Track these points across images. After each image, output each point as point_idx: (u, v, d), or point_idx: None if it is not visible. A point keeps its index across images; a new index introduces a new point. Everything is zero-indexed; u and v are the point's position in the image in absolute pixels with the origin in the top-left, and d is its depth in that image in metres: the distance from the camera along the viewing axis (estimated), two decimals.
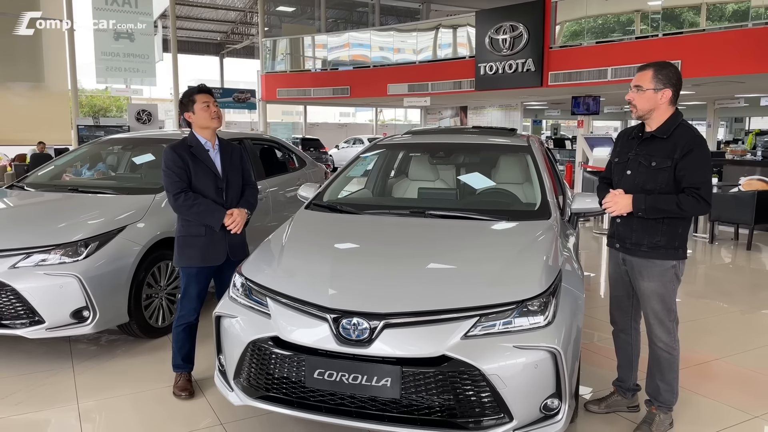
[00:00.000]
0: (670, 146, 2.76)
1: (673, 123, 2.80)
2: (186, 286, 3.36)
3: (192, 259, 3.30)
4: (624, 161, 2.94)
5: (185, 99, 3.34)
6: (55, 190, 4.79)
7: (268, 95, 21.57)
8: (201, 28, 32.62)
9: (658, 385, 2.97)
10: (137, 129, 16.00)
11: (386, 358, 2.42)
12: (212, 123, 3.32)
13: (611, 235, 3.05)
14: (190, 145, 3.32)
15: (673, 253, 2.83)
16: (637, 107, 2.82)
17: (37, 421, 3.16)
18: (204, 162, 3.31)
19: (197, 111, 3.30)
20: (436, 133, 5.35)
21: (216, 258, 3.33)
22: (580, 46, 13.80)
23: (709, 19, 12.07)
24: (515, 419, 2.41)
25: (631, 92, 2.83)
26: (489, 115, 20.78)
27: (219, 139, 3.43)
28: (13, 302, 3.65)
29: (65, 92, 19.78)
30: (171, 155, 3.27)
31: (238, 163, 3.46)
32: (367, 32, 20.01)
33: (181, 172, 3.24)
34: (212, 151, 3.37)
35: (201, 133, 3.36)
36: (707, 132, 18.50)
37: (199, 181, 3.29)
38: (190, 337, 3.43)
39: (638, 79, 2.81)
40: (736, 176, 9.48)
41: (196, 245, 3.29)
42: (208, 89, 3.38)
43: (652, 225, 2.81)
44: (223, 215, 3.27)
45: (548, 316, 2.51)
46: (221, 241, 3.32)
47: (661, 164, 2.76)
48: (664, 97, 2.77)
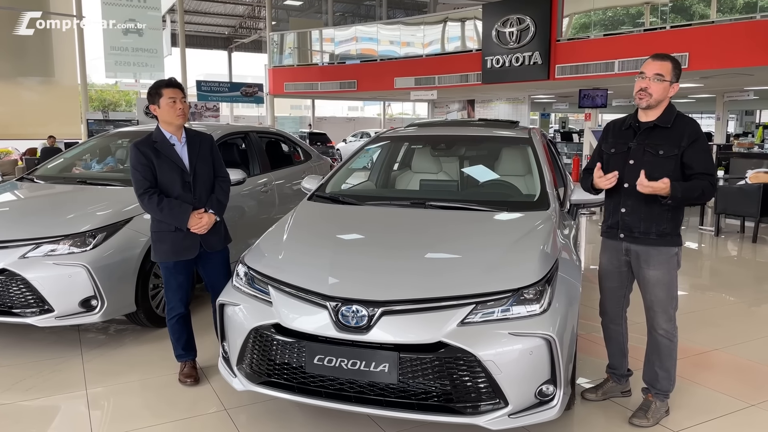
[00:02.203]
0: (676, 135, 2.83)
1: (672, 113, 2.88)
2: (166, 279, 3.37)
3: (165, 253, 3.29)
4: (623, 151, 2.96)
5: (152, 90, 3.27)
6: (64, 183, 4.88)
7: (276, 89, 21.62)
8: (209, 22, 32.71)
9: (656, 372, 3.01)
10: (146, 123, 16.14)
11: (384, 344, 2.48)
12: (176, 120, 3.26)
13: (613, 225, 3.03)
14: (154, 141, 3.26)
15: (677, 240, 2.93)
16: (652, 95, 2.82)
17: (47, 407, 3.25)
18: (169, 157, 3.25)
19: (162, 105, 3.23)
20: (439, 126, 5.39)
21: (188, 252, 3.30)
22: (587, 39, 13.74)
23: (720, 11, 11.98)
24: (510, 404, 2.46)
25: (647, 80, 2.82)
26: (496, 109, 20.74)
27: (186, 131, 3.36)
28: (24, 291, 3.74)
29: (75, 87, 19.95)
30: (134, 153, 3.23)
31: (208, 154, 3.39)
32: (374, 26, 19.99)
33: (145, 170, 3.20)
34: (178, 145, 3.31)
35: (166, 127, 3.30)
36: (716, 125, 18.38)
37: (164, 177, 3.23)
38: (185, 327, 3.48)
39: (659, 67, 2.82)
40: (743, 169, 9.42)
41: (167, 240, 3.27)
42: (178, 84, 3.31)
43: (659, 213, 2.87)
44: (187, 216, 3.22)
45: (543, 304, 2.56)
46: (193, 235, 3.28)
47: (669, 152, 2.82)
48: (673, 89, 2.86)
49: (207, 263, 3.42)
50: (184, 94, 3.35)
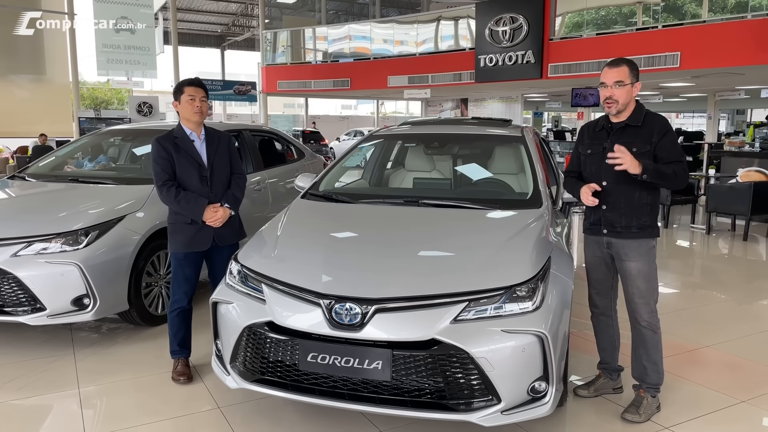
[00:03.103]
0: (647, 132, 2.95)
1: (642, 112, 3.00)
2: (175, 270, 3.47)
3: (178, 244, 3.40)
4: (599, 152, 3.05)
5: (176, 87, 3.46)
6: (56, 181, 4.85)
7: (269, 87, 21.58)
8: (202, 20, 32.57)
9: (644, 365, 3.05)
10: (138, 121, 16.06)
11: (377, 341, 2.49)
12: (194, 117, 3.39)
13: (595, 222, 3.11)
14: (175, 137, 3.42)
15: (656, 231, 3.03)
16: (618, 102, 2.93)
17: (39, 406, 3.24)
18: (188, 152, 3.39)
19: (182, 102, 3.40)
20: (432, 124, 5.40)
21: (201, 244, 3.41)
22: (580, 38, 13.79)
23: (711, 11, 12.05)
24: (503, 401, 2.48)
25: (610, 89, 2.92)
26: (490, 107, 20.78)
27: (206, 129, 3.50)
28: (15, 290, 3.72)
29: (66, 84, 19.81)
30: (156, 147, 3.39)
31: (225, 151, 3.53)
32: (367, 24, 19.98)
33: (165, 164, 3.34)
34: (198, 142, 3.45)
35: (186, 124, 3.45)
36: (708, 124, 18.48)
37: (182, 171, 3.37)
38: (184, 322, 3.50)
39: (617, 74, 2.92)
40: (734, 167, 9.51)
41: (182, 231, 3.39)
42: (200, 83, 3.45)
43: (638, 207, 2.97)
44: (202, 209, 3.34)
45: (536, 301, 2.58)
46: (207, 229, 3.40)
47: (642, 149, 2.92)
48: (636, 89, 2.97)
49: (217, 257, 3.47)
50: (206, 93, 3.48)
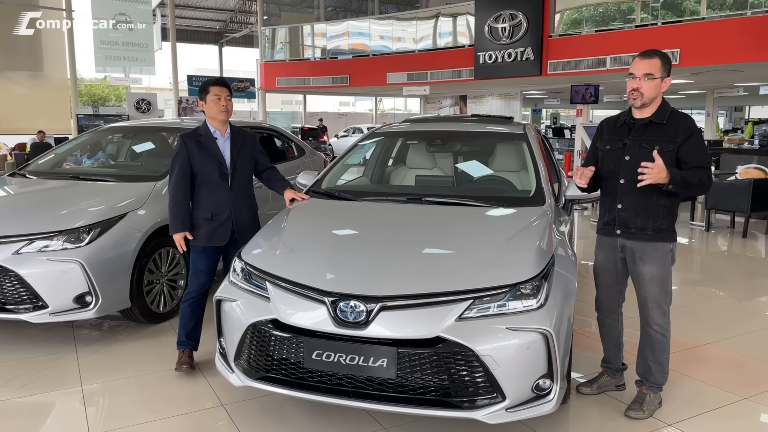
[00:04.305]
0: (672, 131, 2.84)
1: (667, 109, 2.90)
2: (193, 261, 3.57)
3: (197, 238, 3.50)
4: (619, 148, 2.98)
5: (202, 87, 3.55)
6: (56, 178, 4.84)
7: (268, 84, 21.54)
8: (200, 16, 32.47)
9: (649, 366, 3.05)
10: (137, 118, 16.02)
11: (383, 339, 2.49)
12: (219, 116, 3.50)
13: (609, 222, 3.05)
14: (199, 134, 3.53)
15: (672, 236, 2.95)
16: (644, 95, 2.84)
17: (42, 403, 3.24)
18: (209, 149, 3.50)
19: (208, 102, 3.49)
20: (433, 122, 5.40)
21: (219, 239, 3.51)
22: (580, 35, 13.79)
23: (710, 8, 12.06)
24: (508, 399, 2.48)
25: (638, 80, 2.83)
26: (488, 104, 20.76)
27: (231, 128, 3.61)
28: (17, 287, 3.72)
29: (64, 81, 19.78)
30: (179, 144, 3.51)
31: (250, 150, 3.65)
32: (366, 21, 19.94)
33: (182, 162, 3.46)
34: (221, 140, 3.55)
35: (211, 122, 3.55)
36: (706, 121, 18.51)
37: (203, 167, 3.48)
38: (195, 314, 3.54)
39: (649, 66, 2.83)
40: (733, 165, 9.52)
41: (202, 226, 3.50)
42: (225, 83, 3.56)
43: (655, 209, 2.89)
44: (175, 226, 3.44)
45: (540, 299, 2.58)
46: (226, 223, 3.51)
47: (665, 148, 2.83)
48: (665, 85, 2.86)
49: (234, 251, 3.43)
50: (231, 92, 3.57)
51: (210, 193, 3.50)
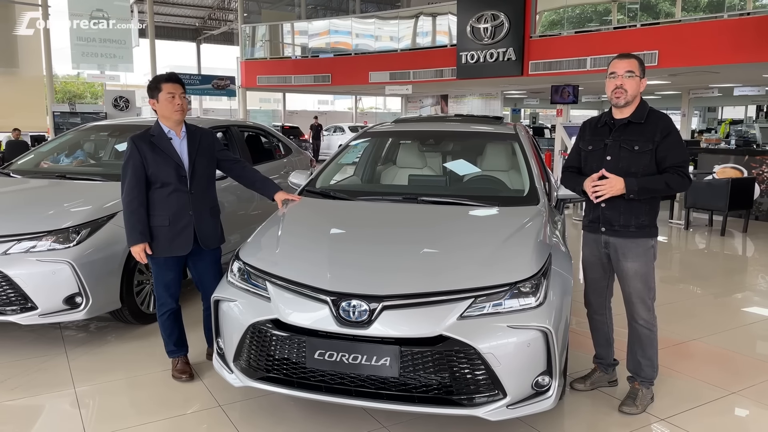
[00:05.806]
0: (650, 130, 2.93)
1: (645, 108, 3.00)
2: (156, 274, 3.34)
3: (157, 250, 3.25)
4: (600, 148, 3.06)
5: (152, 84, 3.25)
6: (42, 177, 4.75)
7: (248, 82, 21.39)
8: (178, 13, 32.04)
9: (639, 361, 3.12)
10: (115, 116, 15.77)
11: (385, 338, 2.51)
12: (174, 115, 3.24)
13: (594, 220, 3.13)
14: (151, 135, 3.26)
15: (654, 231, 3.04)
16: (627, 92, 2.92)
17: (34, 406, 3.19)
18: (164, 151, 3.23)
19: (161, 100, 3.22)
20: (424, 121, 5.42)
21: (180, 248, 3.27)
22: (560, 36, 13.95)
23: (684, 10, 12.29)
24: (508, 395, 2.51)
25: (621, 78, 2.92)
26: (469, 104, 20.89)
27: (187, 126, 3.35)
28: (5, 289, 3.65)
29: (40, 78, 19.38)
30: (129, 147, 3.23)
31: (208, 150, 3.39)
32: (348, 19, 19.91)
33: (135, 166, 3.18)
34: (176, 140, 3.29)
35: (164, 122, 3.28)
36: (681, 121, 18.85)
37: (158, 170, 3.21)
38: (176, 323, 3.45)
39: (629, 65, 2.93)
40: (711, 164, 9.73)
41: (160, 235, 3.24)
42: (178, 79, 3.28)
43: (637, 206, 2.97)
44: (132, 238, 3.18)
45: (540, 297, 2.62)
46: (187, 229, 3.27)
47: (644, 147, 2.92)
48: (643, 84, 2.97)
49: (199, 261, 3.39)
50: (184, 89, 3.32)
51: (167, 197, 3.22)
